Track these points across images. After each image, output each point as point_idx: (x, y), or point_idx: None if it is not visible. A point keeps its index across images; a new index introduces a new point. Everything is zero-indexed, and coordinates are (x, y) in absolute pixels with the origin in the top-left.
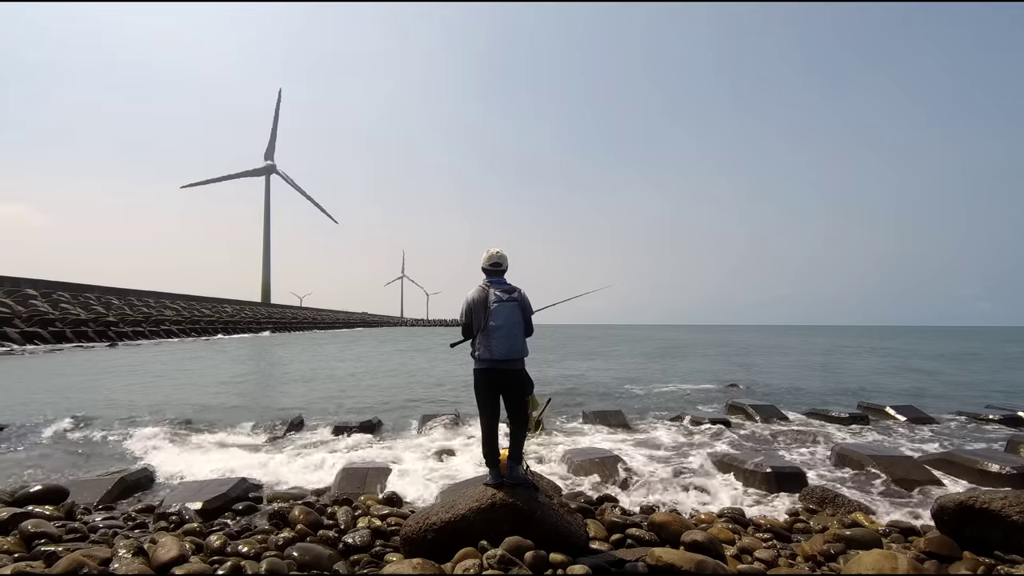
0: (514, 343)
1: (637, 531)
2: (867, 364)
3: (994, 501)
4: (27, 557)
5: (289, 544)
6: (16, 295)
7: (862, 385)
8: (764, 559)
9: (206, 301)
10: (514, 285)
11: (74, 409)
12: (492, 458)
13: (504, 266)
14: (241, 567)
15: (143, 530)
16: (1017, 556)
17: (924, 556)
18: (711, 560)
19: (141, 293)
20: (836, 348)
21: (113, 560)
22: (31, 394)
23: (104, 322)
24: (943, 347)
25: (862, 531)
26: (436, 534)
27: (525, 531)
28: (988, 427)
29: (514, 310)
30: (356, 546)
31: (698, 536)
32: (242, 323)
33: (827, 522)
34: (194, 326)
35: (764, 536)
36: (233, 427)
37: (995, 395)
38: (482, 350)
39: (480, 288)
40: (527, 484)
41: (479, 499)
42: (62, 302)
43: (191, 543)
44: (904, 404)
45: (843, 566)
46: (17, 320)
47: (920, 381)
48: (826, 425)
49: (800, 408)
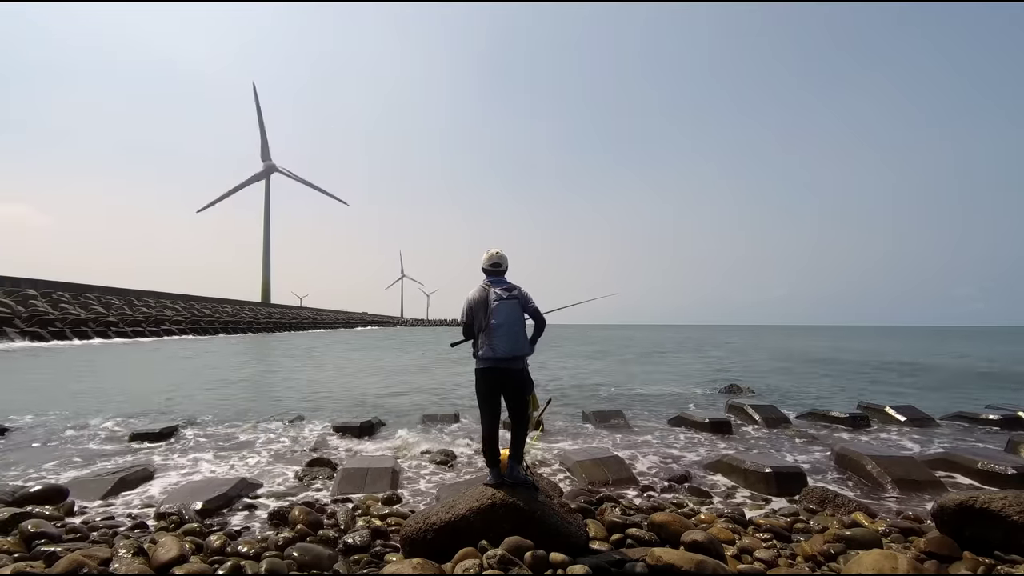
0: (516, 341)
1: (637, 531)
2: (866, 364)
3: (994, 501)
4: (27, 557)
5: (289, 544)
6: (16, 295)
7: (862, 385)
8: (764, 559)
9: (206, 301)
10: (514, 283)
11: (74, 409)
12: (492, 458)
13: (504, 266)
14: (241, 567)
15: (143, 530)
16: (1017, 556)
17: (924, 556)
18: (711, 560)
19: (141, 293)
20: (836, 348)
21: (113, 560)
22: (30, 394)
23: (104, 322)
24: (941, 348)
25: (862, 531)
26: (436, 534)
27: (525, 531)
28: (988, 427)
29: (515, 308)
30: (356, 546)
31: (698, 536)
32: (242, 323)
33: (827, 522)
34: (194, 326)
35: (764, 536)
36: (233, 427)
37: (991, 396)
38: (484, 349)
39: (480, 288)
40: (527, 484)
41: (479, 499)
42: (62, 302)
43: (191, 543)
44: (904, 404)
45: (843, 566)
46: (17, 320)
47: (920, 381)
48: (826, 425)
49: (800, 408)
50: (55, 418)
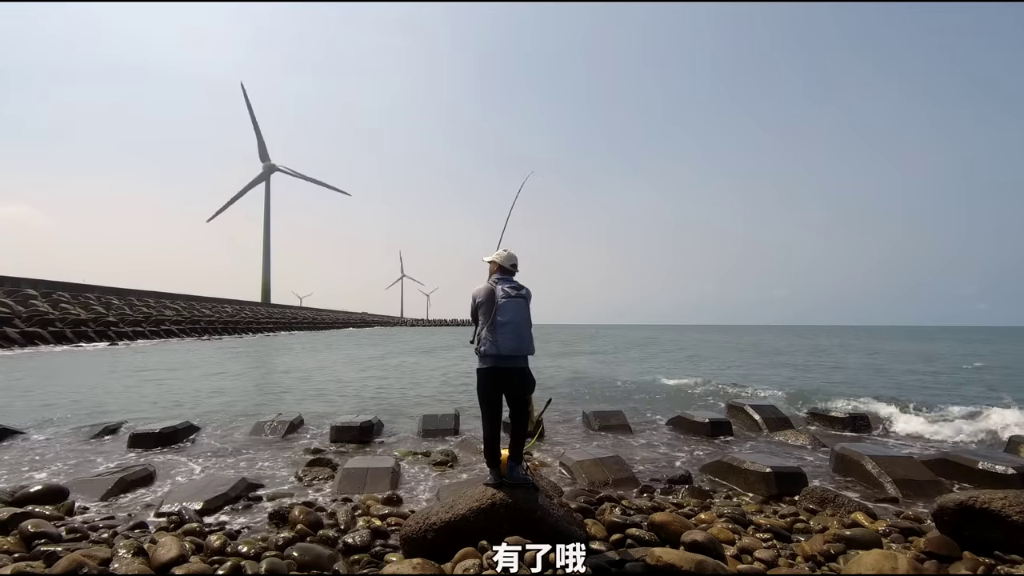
0: (522, 339)
1: (637, 531)
2: (866, 364)
3: (994, 501)
4: (27, 557)
5: (289, 544)
6: (16, 295)
7: (862, 385)
8: (764, 559)
9: (206, 301)
10: (521, 283)
11: (73, 409)
12: (493, 458)
13: (514, 263)
14: (241, 567)
15: (143, 530)
16: (1017, 556)
17: (924, 556)
18: (711, 560)
19: (141, 293)
20: (836, 348)
21: (113, 560)
22: (30, 394)
23: (104, 322)
24: (944, 348)
25: (862, 531)
26: (436, 534)
27: (525, 531)
28: (988, 427)
29: (522, 306)
30: (356, 546)
31: (698, 536)
32: (242, 323)
33: (827, 522)
34: (194, 326)
35: (764, 536)
36: (233, 427)
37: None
38: (488, 346)
39: (487, 284)
40: (527, 484)
41: (479, 499)
42: (62, 302)
43: (191, 543)
44: (904, 404)
45: (843, 566)
46: (17, 320)
47: (920, 381)
48: (826, 425)
49: (800, 408)
50: (55, 418)
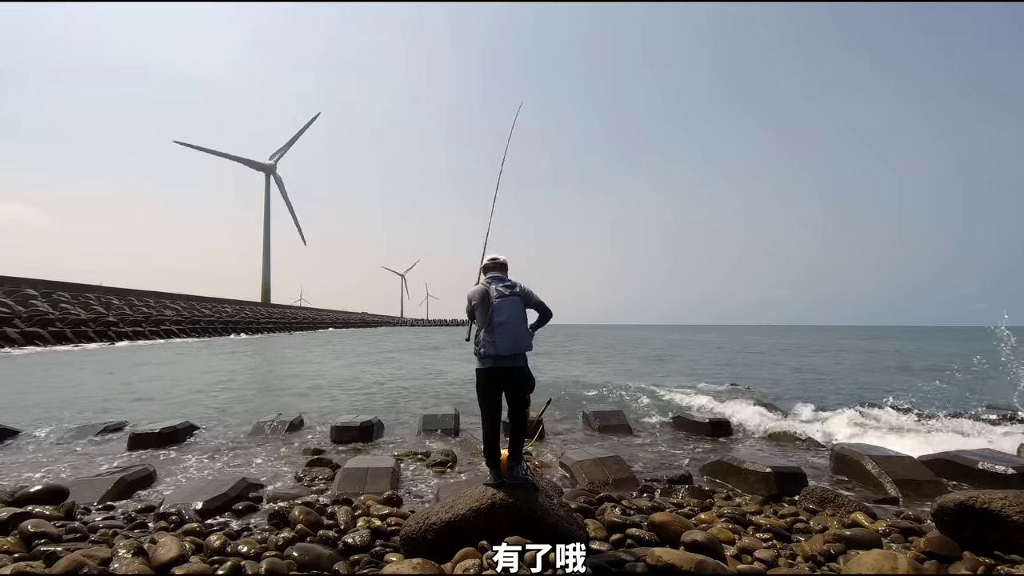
0: (519, 338)
1: (637, 531)
2: (867, 364)
3: (994, 501)
4: (27, 557)
5: (289, 544)
6: (16, 295)
7: (863, 385)
8: (764, 559)
9: (206, 301)
10: (513, 280)
11: (74, 409)
12: (493, 458)
13: (502, 261)
14: (241, 567)
15: (143, 530)
16: (1017, 556)
17: (924, 556)
18: (711, 560)
19: (141, 293)
20: (836, 348)
21: (113, 560)
22: (30, 394)
23: (104, 322)
24: (947, 348)
25: (862, 531)
26: (436, 534)
27: (525, 531)
28: (988, 427)
29: (517, 305)
30: (356, 546)
31: (698, 536)
32: (242, 323)
33: (827, 522)
34: (194, 326)
35: (764, 536)
36: (233, 427)
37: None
38: (486, 347)
39: (481, 284)
40: (527, 484)
41: (479, 499)
42: (62, 302)
43: (191, 543)
44: (904, 404)
45: (843, 566)
46: (17, 320)
47: (920, 381)
48: (826, 425)
49: (800, 408)
50: (56, 418)
